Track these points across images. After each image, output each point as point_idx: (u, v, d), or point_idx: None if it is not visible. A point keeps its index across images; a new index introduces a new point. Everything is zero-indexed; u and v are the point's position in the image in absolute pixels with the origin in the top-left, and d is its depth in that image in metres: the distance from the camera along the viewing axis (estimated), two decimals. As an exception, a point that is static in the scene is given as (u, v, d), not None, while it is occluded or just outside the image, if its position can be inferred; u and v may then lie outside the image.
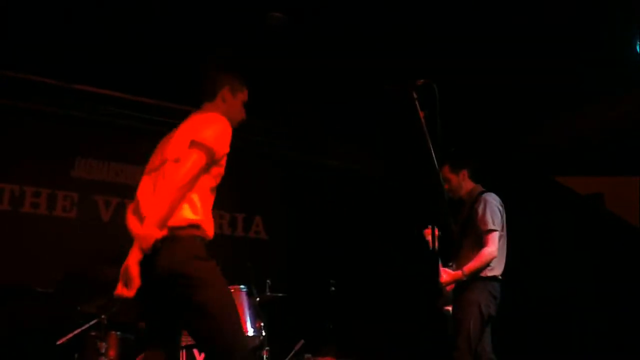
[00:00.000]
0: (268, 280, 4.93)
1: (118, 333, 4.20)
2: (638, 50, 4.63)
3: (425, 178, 3.71)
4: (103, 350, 4.12)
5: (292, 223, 6.74)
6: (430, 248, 4.26)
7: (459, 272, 4.20)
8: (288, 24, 4.68)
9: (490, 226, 4.20)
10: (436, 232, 3.63)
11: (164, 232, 2.65)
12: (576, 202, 6.11)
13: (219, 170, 2.88)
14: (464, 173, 4.48)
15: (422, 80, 2.76)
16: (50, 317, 4.68)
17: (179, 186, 2.68)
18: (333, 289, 5.49)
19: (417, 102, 2.74)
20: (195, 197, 2.77)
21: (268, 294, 4.86)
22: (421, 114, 2.72)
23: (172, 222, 2.69)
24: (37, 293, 4.97)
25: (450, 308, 4.35)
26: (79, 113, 5.75)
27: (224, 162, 2.88)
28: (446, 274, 4.25)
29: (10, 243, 5.35)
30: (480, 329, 4.12)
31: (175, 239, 2.69)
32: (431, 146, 2.68)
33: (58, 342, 4.10)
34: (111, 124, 5.93)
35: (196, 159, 2.74)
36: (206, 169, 2.80)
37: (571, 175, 6.17)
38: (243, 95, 3.16)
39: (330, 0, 4.44)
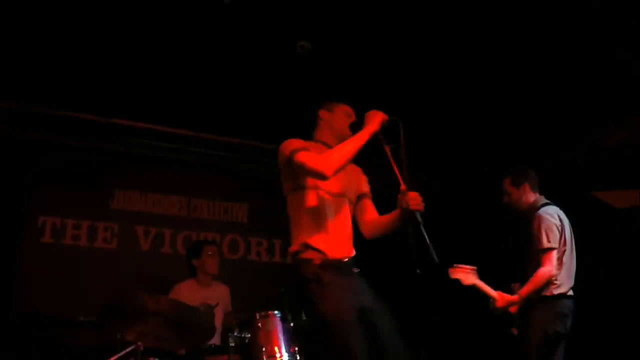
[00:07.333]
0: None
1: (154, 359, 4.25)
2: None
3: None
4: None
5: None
6: (465, 285, 4.25)
7: (516, 296, 4.12)
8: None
9: (545, 245, 4.11)
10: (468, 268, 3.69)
11: None
12: (614, 217, 6.00)
13: None
14: (526, 186, 4.43)
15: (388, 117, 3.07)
16: (91, 345, 4.77)
17: None
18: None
19: (382, 137, 3.05)
20: None
21: (304, 319, 4.85)
22: (387, 148, 3.02)
23: None
24: (80, 322, 5.10)
25: (515, 330, 4.25)
26: (117, 146, 5.93)
27: None
28: (501, 299, 4.18)
29: (54, 274, 5.51)
30: (548, 348, 4.02)
31: None
32: (401, 177, 2.93)
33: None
34: (148, 156, 6.10)
35: None
36: None
37: (608, 190, 6.07)
38: (340, 108, 3.38)
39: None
